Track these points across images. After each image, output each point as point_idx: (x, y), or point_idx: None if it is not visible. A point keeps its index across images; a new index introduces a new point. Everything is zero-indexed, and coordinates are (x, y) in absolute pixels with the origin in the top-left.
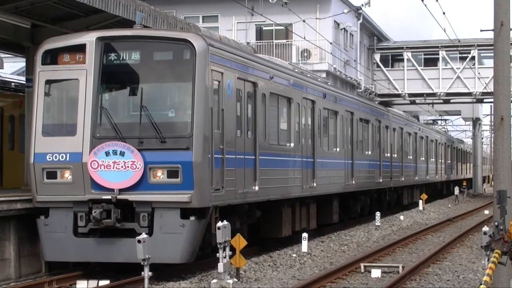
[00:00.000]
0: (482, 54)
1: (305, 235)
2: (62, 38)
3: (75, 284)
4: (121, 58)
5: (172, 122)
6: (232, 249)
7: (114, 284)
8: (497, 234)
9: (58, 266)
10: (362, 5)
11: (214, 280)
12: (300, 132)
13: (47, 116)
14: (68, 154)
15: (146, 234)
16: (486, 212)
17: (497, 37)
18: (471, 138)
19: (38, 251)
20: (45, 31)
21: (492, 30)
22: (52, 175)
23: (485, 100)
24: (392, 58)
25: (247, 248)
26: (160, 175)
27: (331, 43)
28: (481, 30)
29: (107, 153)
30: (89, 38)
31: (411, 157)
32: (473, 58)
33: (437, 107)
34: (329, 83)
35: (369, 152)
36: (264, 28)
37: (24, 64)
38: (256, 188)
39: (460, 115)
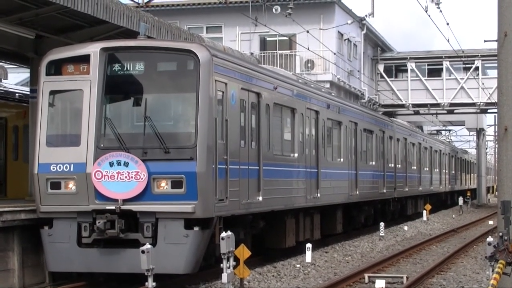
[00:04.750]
0: (486, 65)
1: (309, 245)
2: (66, 49)
3: None
4: (125, 69)
5: (176, 132)
6: (236, 259)
7: None
8: (502, 244)
9: (62, 276)
10: (366, 15)
11: None
12: (304, 142)
13: (51, 126)
14: (72, 165)
15: (150, 244)
16: (491, 222)
17: (500, 48)
18: (475, 149)
19: (42, 261)
20: (49, 42)
21: (496, 40)
22: (56, 185)
23: (489, 111)
24: (396, 69)
25: (251, 259)
26: (164, 186)
27: (334, 54)
28: (485, 41)
29: (111, 164)
30: (93, 49)
31: (415, 167)
32: (477, 68)
33: (441, 117)
34: (332, 94)
35: (373, 163)
36: (268, 38)
37: (28, 74)
38: (260, 198)
39: (464, 125)
